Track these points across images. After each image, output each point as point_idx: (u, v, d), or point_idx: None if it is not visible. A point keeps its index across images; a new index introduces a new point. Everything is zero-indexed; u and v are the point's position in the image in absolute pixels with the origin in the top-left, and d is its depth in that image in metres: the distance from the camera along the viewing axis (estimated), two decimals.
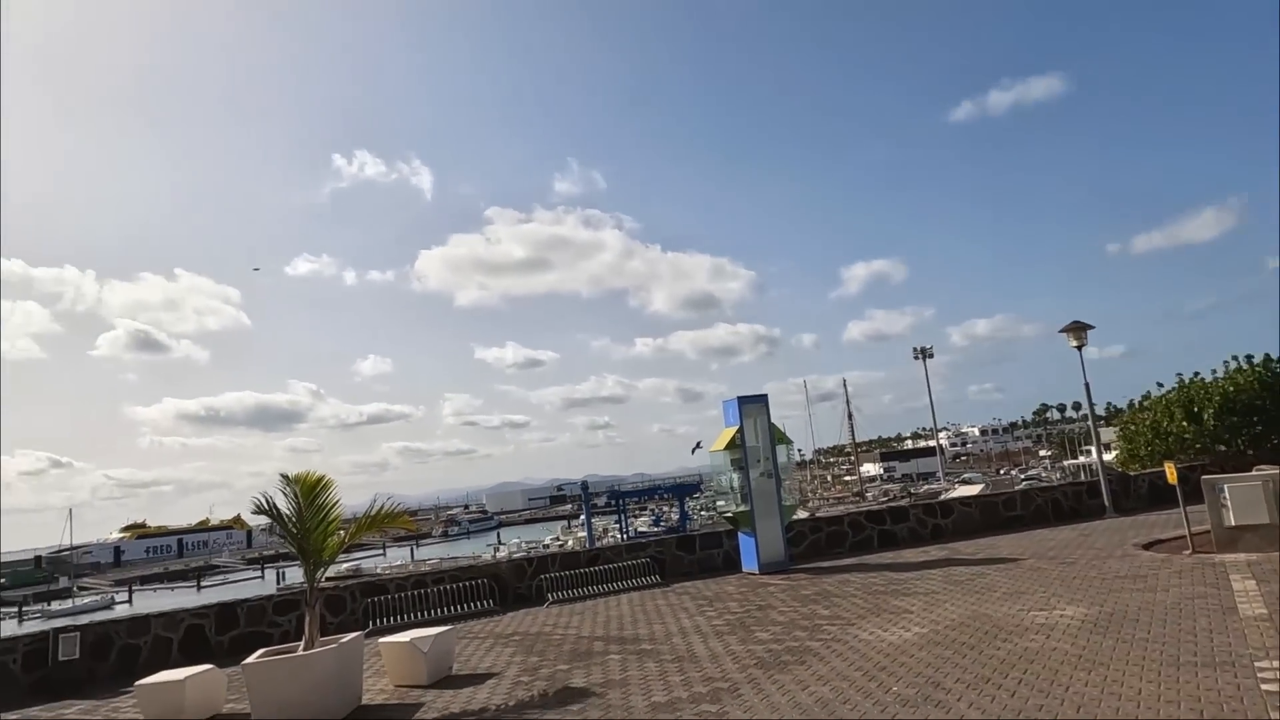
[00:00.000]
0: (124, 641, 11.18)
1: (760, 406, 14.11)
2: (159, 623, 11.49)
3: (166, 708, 7.86)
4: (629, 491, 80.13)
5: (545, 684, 7.83)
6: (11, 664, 10.41)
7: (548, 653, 9.33)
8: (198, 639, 11.66)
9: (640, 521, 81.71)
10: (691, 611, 10.90)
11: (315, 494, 7.81)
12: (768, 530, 13.73)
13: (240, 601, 12.18)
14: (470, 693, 7.85)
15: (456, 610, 12.76)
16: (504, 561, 14.09)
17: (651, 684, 7.35)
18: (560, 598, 13.18)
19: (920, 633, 8.10)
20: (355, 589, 12.85)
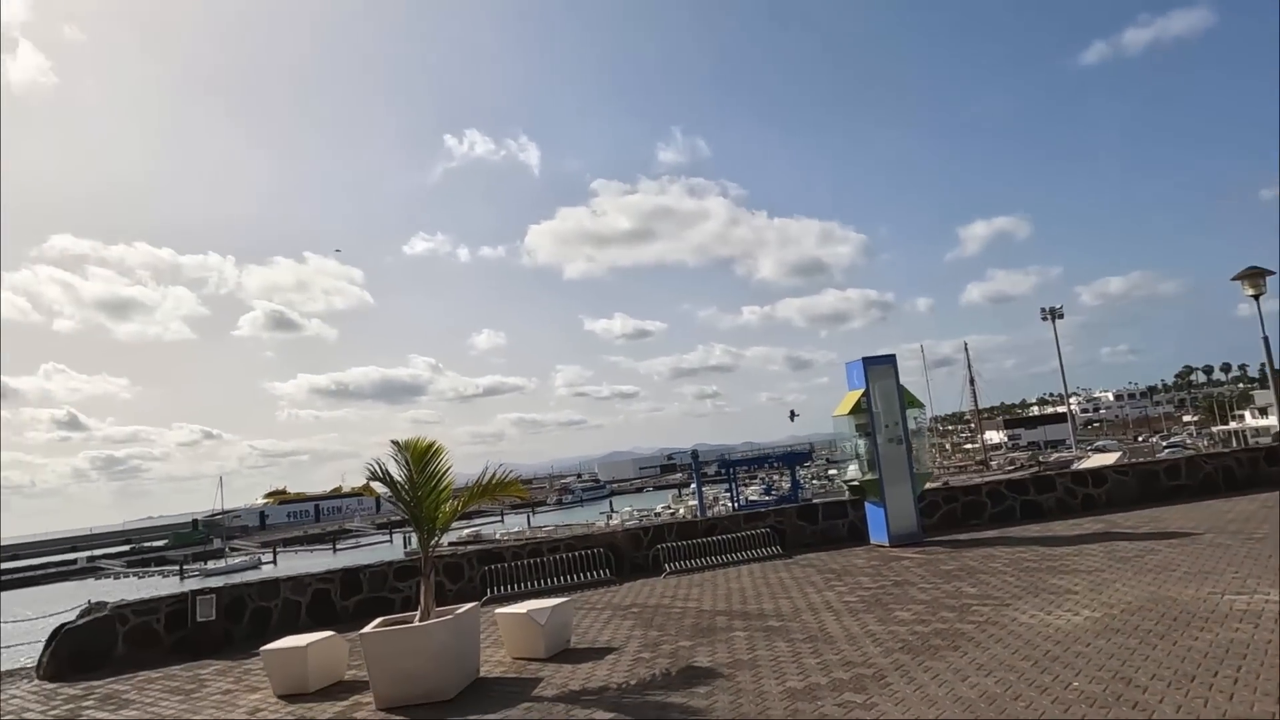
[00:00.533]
0: (256, 604, 11.44)
1: (888, 368, 13.07)
2: (287, 586, 11.71)
3: (290, 672, 7.81)
4: (739, 460, 79.37)
5: (668, 661, 7.31)
6: (155, 624, 10.80)
7: (668, 627, 8.83)
8: (324, 603, 11.83)
9: (750, 490, 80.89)
10: (819, 586, 10.16)
11: (426, 461, 7.52)
12: (898, 499, 12.76)
13: (363, 567, 12.29)
14: (589, 668, 7.43)
15: (573, 580, 12.48)
16: (620, 531, 13.71)
17: (784, 666, 6.70)
18: (678, 568, 12.69)
19: (1092, 617, 7.09)
20: (473, 556, 12.76)
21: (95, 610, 10.84)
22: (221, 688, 8.57)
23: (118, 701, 8.45)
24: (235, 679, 8.92)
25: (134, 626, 10.70)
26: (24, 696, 9.35)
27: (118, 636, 10.58)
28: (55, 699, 8.97)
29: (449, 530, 7.93)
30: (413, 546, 76.88)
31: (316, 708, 7.23)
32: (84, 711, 8.22)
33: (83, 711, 8.23)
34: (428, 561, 7.50)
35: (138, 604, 10.89)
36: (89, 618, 10.63)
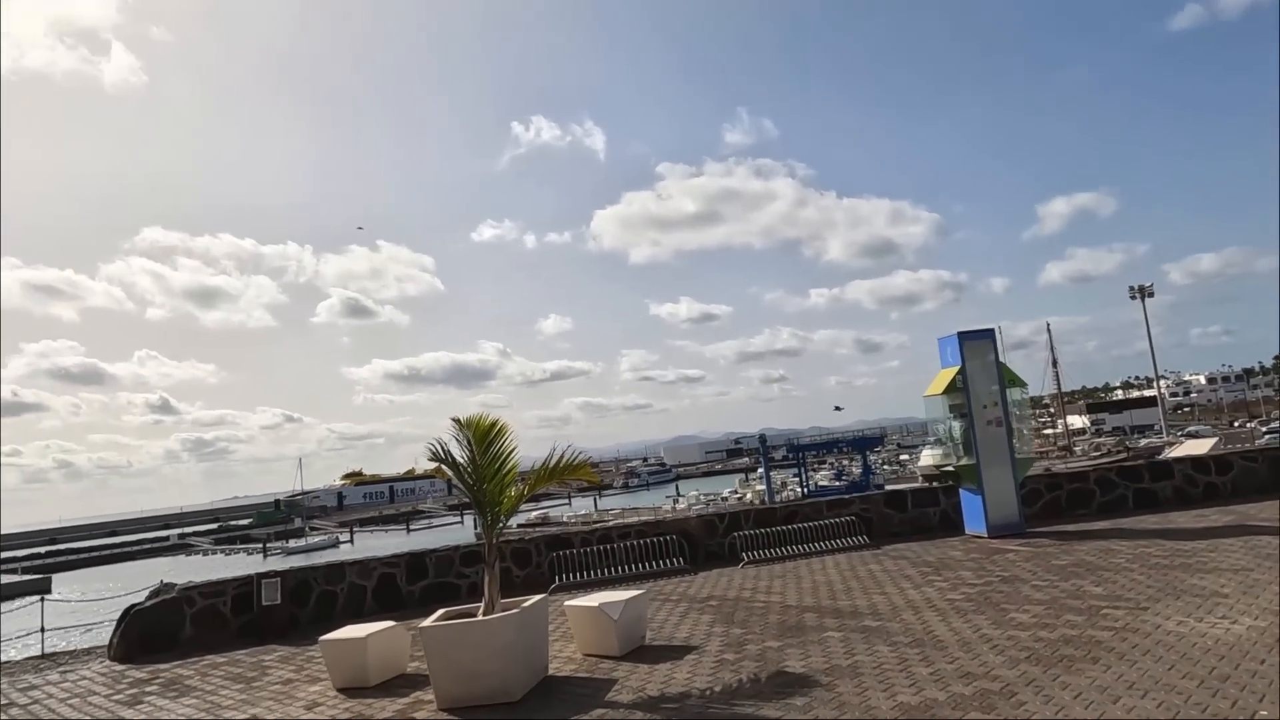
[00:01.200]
0: (321, 588, 11.12)
1: (986, 343, 11.95)
2: (353, 570, 11.36)
3: (350, 665, 7.34)
4: (808, 445, 77.75)
5: (755, 665, 6.55)
6: (222, 606, 10.57)
7: (751, 623, 8.06)
8: (390, 588, 11.45)
9: (820, 475, 79.28)
10: (915, 580, 9.24)
11: (489, 441, 6.90)
12: (997, 486, 11.67)
13: (429, 551, 11.86)
14: (668, 670, 6.73)
15: (644, 568, 11.82)
16: (694, 517, 12.98)
17: (890, 675, 5.87)
18: (756, 558, 11.89)
19: (1256, 626, 6.04)
20: (540, 542, 12.21)
21: (164, 591, 10.67)
22: (282, 676, 8.18)
23: (180, 688, 8.15)
24: (297, 667, 8.53)
25: (201, 609, 10.49)
26: (92, 678, 9.18)
27: (185, 619, 10.38)
28: (121, 682, 8.75)
29: (515, 514, 7.31)
30: None
31: (375, 704, 6.72)
32: (146, 697, 7.94)
33: (144, 697, 7.95)
34: (492, 550, 6.90)
35: (205, 586, 10.68)
36: (157, 599, 10.46)
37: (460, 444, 6.94)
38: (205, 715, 6.98)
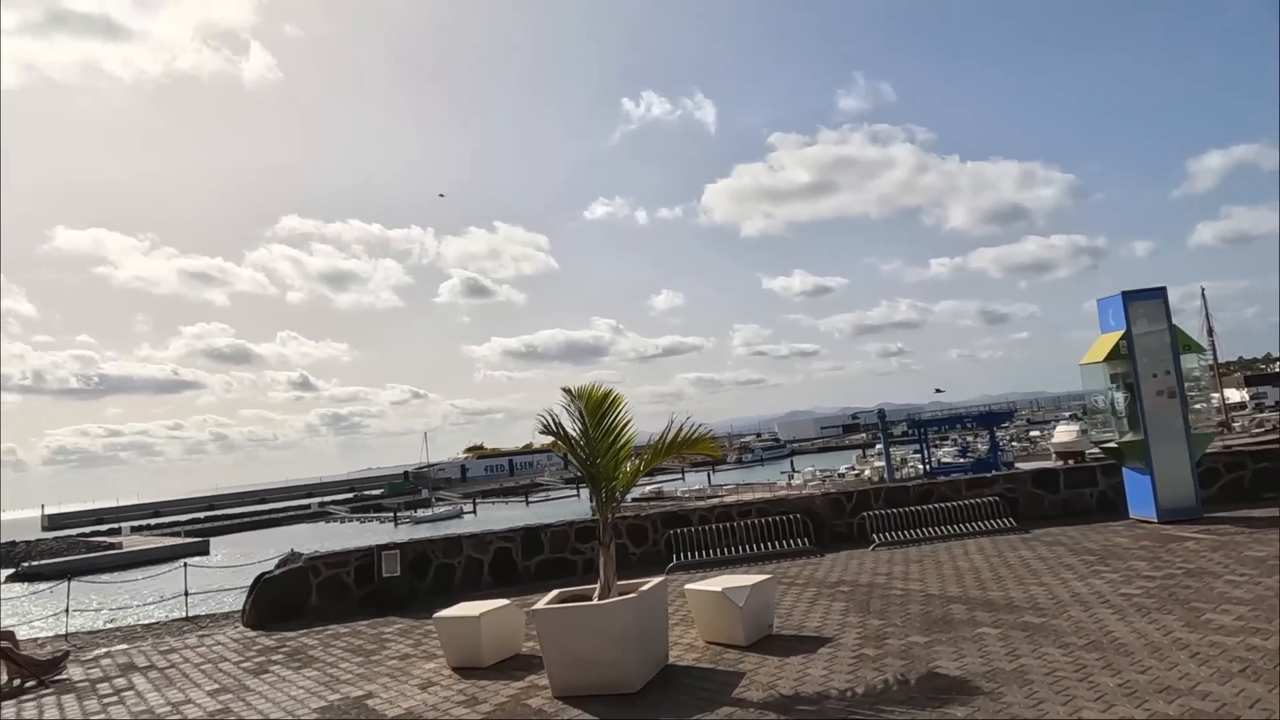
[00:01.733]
0: (440, 560, 11.06)
1: (1156, 304, 10.50)
2: (470, 544, 11.24)
3: (464, 644, 7.07)
4: (930, 420, 74.40)
5: (900, 663, 5.80)
6: (345, 577, 10.67)
7: (890, 613, 7.28)
8: (506, 562, 11.27)
9: (942, 452, 75.87)
10: (1078, 570, 8.17)
11: (603, 412, 6.39)
12: (1169, 465, 10.28)
13: (544, 527, 11.60)
14: (800, 665, 6.07)
15: (766, 548, 11.15)
16: (819, 495, 12.18)
17: (1068, 685, 5.00)
18: (887, 540, 11.01)
19: None
20: (657, 519, 11.74)
21: (291, 561, 10.86)
22: (400, 651, 8.05)
23: (303, 659, 8.16)
24: (414, 642, 8.39)
25: (326, 579, 10.60)
26: (226, 644, 9.40)
27: (311, 588, 10.52)
28: (250, 650, 8.88)
29: (626, 495, 6.78)
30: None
31: (489, 687, 6.40)
32: (271, 666, 7.97)
33: (270, 666, 7.99)
34: (606, 529, 6.41)
35: (329, 556, 10.79)
36: (285, 568, 10.65)
37: (572, 416, 6.47)
38: (323, 689, 6.88)
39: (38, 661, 8.48)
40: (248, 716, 6.33)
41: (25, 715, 7.12)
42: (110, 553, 68.08)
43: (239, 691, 7.14)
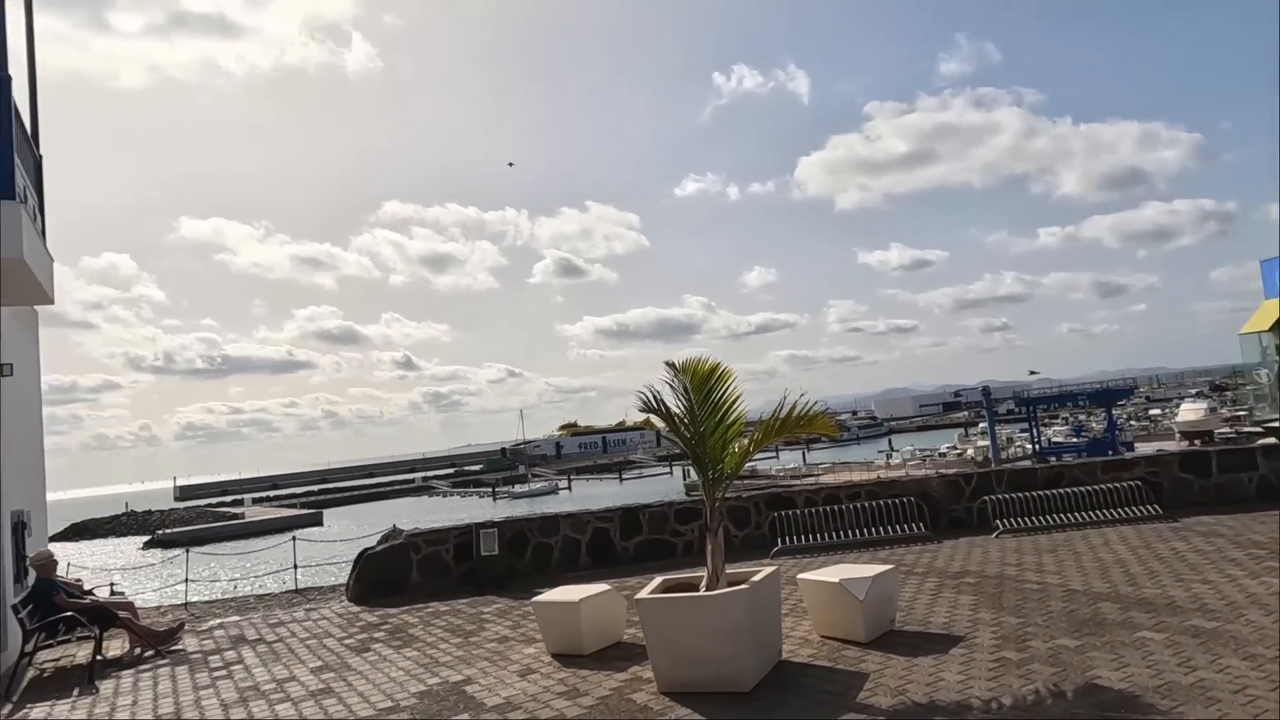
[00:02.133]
0: (537, 540, 10.86)
1: None
2: (568, 524, 10.99)
3: (563, 629, 6.75)
4: (1039, 398, 70.63)
5: (1052, 671, 5.11)
6: (445, 554, 10.59)
7: (1028, 610, 6.55)
8: (604, 543, 10.97)
9: (1053, 431, 72.02)
10: (1247, 566, 7.19)
11: (709, 387, 5.89)
12: None
13: (643, 507, 11.24)
14: (932, 667, 5.46)
15: (876, 533, 10.46)
16: (935, 477, 11.37)
17: (1265, 706, 4.22)
18: (1013, 526, 10.13)
19: None
20: (760, 501, 11.20)
21: (392, 537, 10.87)
22: (499, 633, 7.83)
23: (404, 637, 8.05)
24: (513, 623, 8.17)
25: (426, 556, 10.56)
26: (330, 619, 9.45)
27: (412, 565, 10.49)
28: (353, 627, 8.87)
29: (735, 477, 6.26)
30: (692, 478, 78.39)
31: (591, 678, 6.05)
32: (372, 644, 7.90)
33: (371, 644, 7.92)
34: (714, 515, 5.93)
35: (428, 534, 10.74)
36: (386, 545, 10.66)
37: (675, 392, 5.99)
38: (423, 672, 6.70)
39: (155, 632, 8.69)
40: (348, 699, 6.20)
41: (140, 684, 7.25)
42: (233, 522, 72.52)
43: (341, 670, 7.06)
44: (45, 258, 7.50)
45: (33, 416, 11.38)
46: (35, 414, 11.55)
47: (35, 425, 11.53)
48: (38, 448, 11.62)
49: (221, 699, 6.53)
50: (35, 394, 11.61)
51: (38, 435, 11.68)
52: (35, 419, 11.55)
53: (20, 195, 6.66)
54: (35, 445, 11.43)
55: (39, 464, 11.60)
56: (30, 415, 11.19)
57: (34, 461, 11.20)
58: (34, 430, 11.40)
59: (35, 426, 11.54)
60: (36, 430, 11.60)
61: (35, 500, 10.94)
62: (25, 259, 6.28)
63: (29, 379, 11.20)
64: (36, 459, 11.38)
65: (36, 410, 11.63)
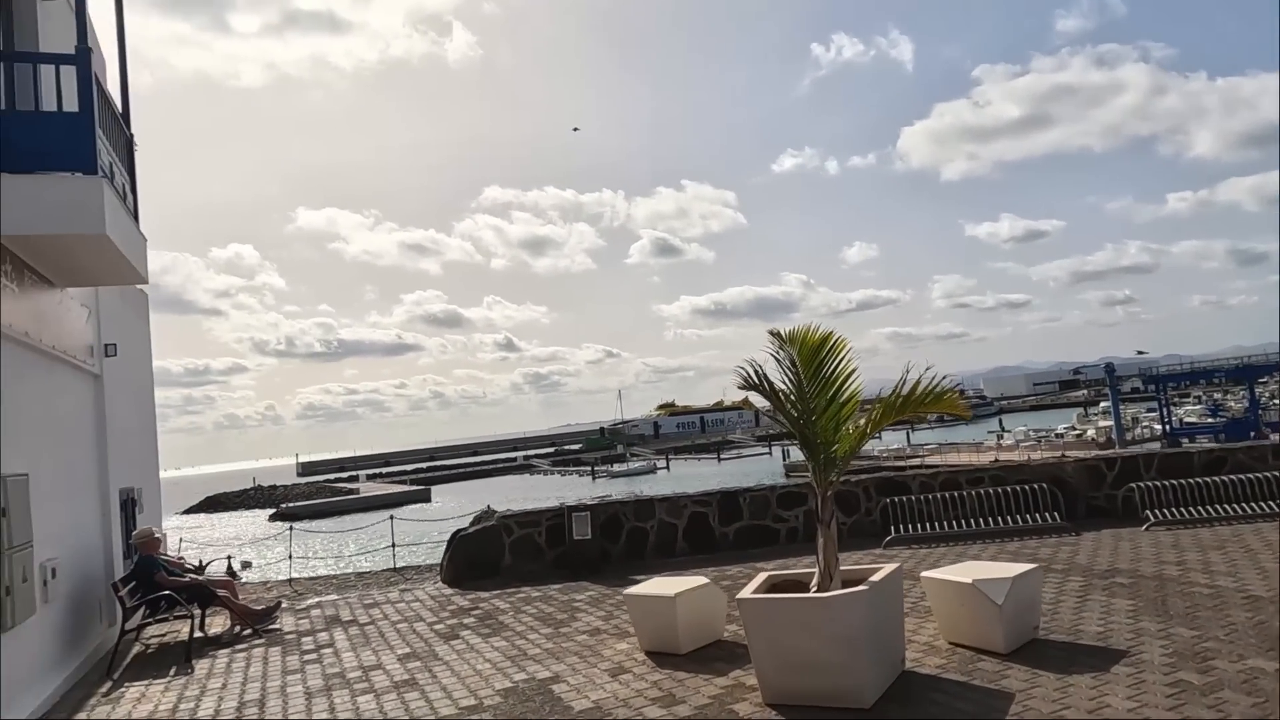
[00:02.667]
0: (631, 524, 10.35)
1: None
2: (663, 508, 10.44)
3: (658, 625, 6.19)
4: (1168, 375, 65.53)
5: (1251, 703, 4.17)
6: (537, 537, 10.24)
7: (1203, 620, 5.54)
8: (701, 528, 10.36)
9: (1184, 411, 66.78)
10: None
11: (820, 360, 5.14)
12: None
13: (743, 490, 10.57)
14: (1092, 689, 4.58)
15: (1001, 523, 9.43)
16: (1070, 462, 10.20)
17: None
18: (1166, 518, 8.92)
19: None
20: (870, 485, 10.33)
21: (485, 519, 10.60)
22: (591, 624, 7.35)
23: (493, 625, 7.70)
24: (606, 614, 7.68)
25: (519, 538, 10.22)
26: (423, 601, 9.24)
27: (505, 547, 10.18)
28: (444, 611, 8.61)
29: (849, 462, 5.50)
30: (793, 459, 76.74)
31: (688, 682, 5.46)
32: (461, 632, 7.57)
33: (460, 631, 7.59)
34: (825, 504, 5.20)
35: (521, 516, 10.41)
36: (479, 526, 10.38)
37: (781, 365, 5.28)
38: (510, 666, 6.28)
39: (253, 611, 8.67)
40: (431, 693, 5.83)
41: (233, 666, 7.15)
42: (349, 498, 76.01)
43: (427, 659, 6.74)
44: (136, 237, 7.45)
45: (144, 396, 11.69)
46: (147, 394, 11.87)
47: (147, 405, 11.85)
48: (150, 426, 11.95)
49: (307, 686, 6.30)
50: (147, 374, 11.93)
51: (150, 414, 12.01)
52: (147, 399, 11.87)
53: (104, 171, 6.55)
54: (148, 424, 11.75)
55: (152, 442, 11.93)
56: (142, 395, 11.49)
57: (146, 440, 11.51)
58: (146, 410, 11.72)
59: (147, 406, 11.86)
60: (149, 409, 11.94)
61: (148, 478, 11.23)
62: (109, 234, 6.16)
63: (139, 360, 11.50)
64: (149, 438, 11.70)
65: (148, 390, 11.95)
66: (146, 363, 12.01)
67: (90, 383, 8.74)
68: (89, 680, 7.23)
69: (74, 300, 8.03)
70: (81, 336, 8.24)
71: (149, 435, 11.74)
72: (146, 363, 12.01)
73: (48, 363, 7.28)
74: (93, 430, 8.70)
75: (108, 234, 6.26)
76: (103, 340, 9.05)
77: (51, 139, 6.18)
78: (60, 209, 6.10)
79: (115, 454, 9.18)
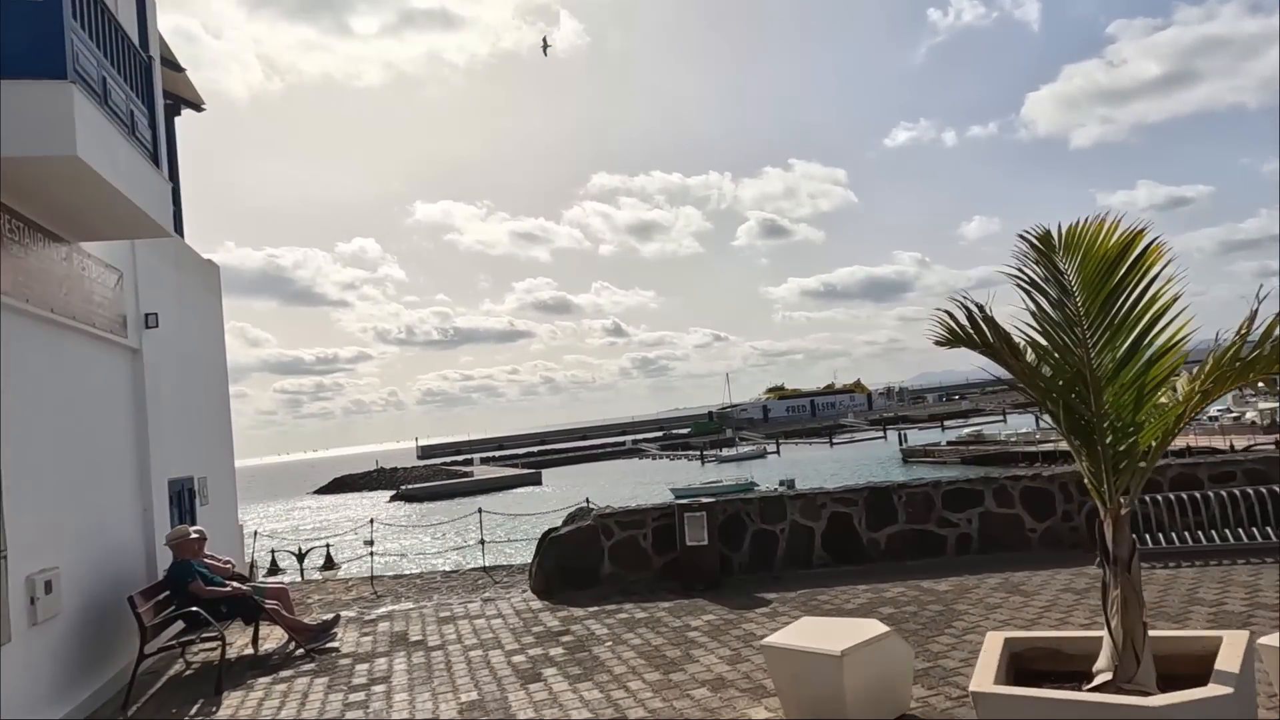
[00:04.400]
0: (757, 526, 8.35)
1: None
2: (795, 506, 8.38)
3: (815, 690, 4.19)
4: None
5: None
6: (642, 540, 8.40)
7: None
8: (845, 532, 8.25)
9: None
10: None
11: (1116, 283, 2.98)
12: None
13: (897, 486, 8.37)
14: None
15: (1267, 536, 6.87)
16: None
17: None
18: None
19: None
20: (1069, 481, 7.92)
21: (580, 518, 8.84)
22: (712, 669, 5.43)
23: (585, 661, 5.90)
24: (731, 654, 5.73)
25: (620, 541, 8.41)
26: (506, 617, 7.58)
27: (603, 552, 8.40)
28: (528, 634, 6.89)
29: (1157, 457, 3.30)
30: (909, 445, 71.77)
31: None
32: (545, 669, 5.82)
33: (543, 668, 5.84)
34: (1119, 532, 3.03)
35: (623, 515, 8.58)
36: (573, 526, 8.63)
37: (1035, 294, 3.13)
38: None
39: (306, 627, 7.22)
40: None
41: (267, 701, 5.65)
42: (464, 480, 77.12)
43: (496, 711, 5.01)
44: (149, 178, 6.05)
45: (214, 377, 10.57)
46: (218, 374, 10.75)
47: (218, 386, 10.73)
48: (222, 410, 10.83)
49: None
50: (218, 353, 10.82)
51: (222, 397, 10.90)
52: (218, 379, 10.75)
53: (91, 83, 5.12)
54: (218, 407, 10.62)
55: (224, 427, 10.81)
56: (210, 375, 10.38)
57: (216, 425, 10.38)
58: (215, 391, 10.59)
59: (218, 387, 10.75)
60: (220, 392, 10.83)
61: (216, 466, 10.09)
62: (81, 156, 4.71)
63: (207, 336, 10.38)
64: (218, 422, 10.56)
65: (219, 370, 10.82)
66: (217, 340, 10.89)
67: (125, 358, 7.47)
68: (101, 715, 5.90)
69: (94, 261, 6.72)
70: (108, 304, 6.93)
71: (219, 419, 10.61)
72: (217, 340, 10.89)
73: (52, 332, 5.95)
74: (129, 412, 7.43)
75: (79, 155, 4.76)
76: (143, 310, 7.79)
77: (10, 35, 4.73)
78: (19, 123, 4.64)
79: (164, 439, 7.93)
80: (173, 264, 9.16)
